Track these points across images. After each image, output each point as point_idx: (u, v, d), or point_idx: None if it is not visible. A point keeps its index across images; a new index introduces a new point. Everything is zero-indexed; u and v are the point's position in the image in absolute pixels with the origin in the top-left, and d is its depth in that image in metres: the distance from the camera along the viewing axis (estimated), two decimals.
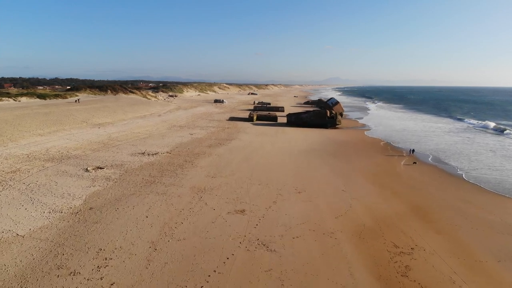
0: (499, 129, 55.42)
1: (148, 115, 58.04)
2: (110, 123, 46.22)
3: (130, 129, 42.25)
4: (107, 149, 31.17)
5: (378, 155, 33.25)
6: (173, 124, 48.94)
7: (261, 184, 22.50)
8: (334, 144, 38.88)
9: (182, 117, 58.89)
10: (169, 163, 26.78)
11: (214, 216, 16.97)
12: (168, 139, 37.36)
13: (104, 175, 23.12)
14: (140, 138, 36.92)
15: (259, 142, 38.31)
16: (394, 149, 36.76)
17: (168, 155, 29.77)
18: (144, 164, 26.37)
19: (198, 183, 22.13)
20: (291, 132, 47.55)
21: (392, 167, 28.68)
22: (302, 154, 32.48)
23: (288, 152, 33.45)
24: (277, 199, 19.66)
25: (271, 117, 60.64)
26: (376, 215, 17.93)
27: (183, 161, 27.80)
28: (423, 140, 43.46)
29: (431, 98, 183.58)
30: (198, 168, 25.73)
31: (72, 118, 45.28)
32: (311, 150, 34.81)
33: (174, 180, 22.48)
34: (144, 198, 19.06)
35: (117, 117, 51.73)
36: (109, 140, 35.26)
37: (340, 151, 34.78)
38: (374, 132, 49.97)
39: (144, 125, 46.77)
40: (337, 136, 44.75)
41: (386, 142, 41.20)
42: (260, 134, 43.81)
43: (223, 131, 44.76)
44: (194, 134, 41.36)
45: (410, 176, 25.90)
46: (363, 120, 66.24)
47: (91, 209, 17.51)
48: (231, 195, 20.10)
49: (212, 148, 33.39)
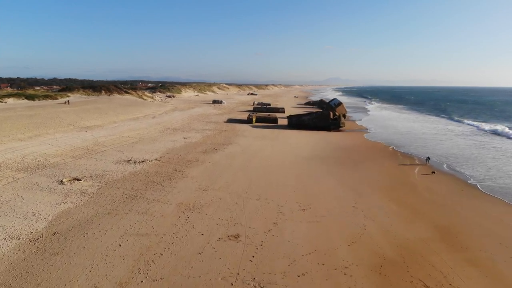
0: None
1: (141, 117, 55.12)
2: (100, 126, 43.31)
3: (120, 133, 39.32)
4: (90, 156, 28.24)
5: (388, 163, 30.33)
6: (167, 127, 46.02)
7: (259, 199, 19.58)
8: (339, 149, 35.96)
9: (177, 119, 55.98)
10: (156, 173, 23.85)
11: (201, 244, 14.03)
12: (159, 143, 34.42)
13: (79, 189, 20.20)
14: (128, 143, 33.99)
15: (258, 146, 35.39)
16: (404, 155, 33.80)
17: (157, 163, 26.84)
18: (128, 174, 23.44)
19: (187, 198, 19.20)
20: (292, 135, 44.64)
21: (407, 177, 25.73)
22: (305, 161, 29.56)
23: (290, 158, 30.53)
24: (278, 219, 16.73)
25: (271, 119, 57.73)
26: (397, 241, 14.99)
27: (172, 170, 24.87)
28: (431, 144, 40.55)
29: (432, 99, 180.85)
30: (189, 179, 22.80)
31: (58, 121, 42.36)
32: (315, 156, 31.88)
33: (159, 195, 19.55)
34: (121, 219, 16.13)
35: (108, 119, 48.81)
36: (94, 145, 32.34)
37: (346, 157, 31.85)
38: (379, 135, 47.06)
39: (135, 127, 43.85)
40: (341, 140, 41.83)
41: (395, 147, 38.27)
42: (259, 138, 40.90)
43: (219, 135, 41.84)
44: (188, 138, 38.43)
45: (428, 189, 22.94)
46: (366, 122, 63.36)
47: (54, 235, 14.58)
48: (224, 214, 17.17)
49: (207, 154, 30.47)
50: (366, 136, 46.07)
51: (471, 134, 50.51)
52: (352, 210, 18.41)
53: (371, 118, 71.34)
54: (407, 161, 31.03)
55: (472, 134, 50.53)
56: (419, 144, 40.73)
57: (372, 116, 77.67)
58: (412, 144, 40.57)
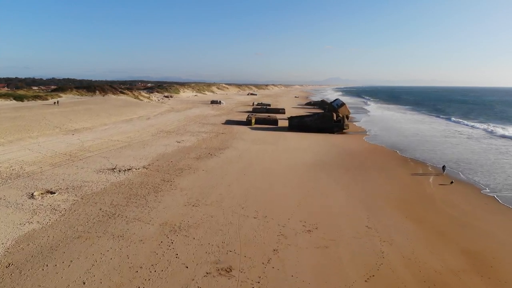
0: None
1: (135, 118, 52.51)
2: (88, 129, 40.69)
3: (109, 136, 36.71)
4: (71, 163, 25.64)
5: (399, 170, 27.72)
6: (161, 129, 43.41)
7: (257, 216, 16.98)
8: (344, 154, 33.36)
9: (173, 120, 53.37)
10: (141, 184, 21.24)
11: (185, 281, 11.44)
12: (150, 148, 31.81)
13: (51, 204, 17.60)
14: (116, 148, 31.38)
15: (256, 151, 32.79)
16: (416, 162, 31.17)
17: (144, 171, 24.23)
18: (110, 185, 20.83)
19: (173, 216, 16.59)
20: (293, 138, 42.05)
21: (422, 188, 23.11)
22: (308, 169, 26.96)
23: (292, 165, 27.93)
24: (280, 245, 14.13)
25: (271, 120, 55.12)
26: (423, 274, 12.41)
27: (160, 180, 22.26)
28: (440, 148, 37.96)
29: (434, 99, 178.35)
30: (178, 191, 20.19)
31: (44, 123, 39.74)
32: (319, 163, 29.28)
33: (142, 212, 16.95)
34: (91, 246, 13.54)
35: (98, 121, 46.20)
36: (79, 150, 29.74)
37: (353, 164, 29.24)
38: (384, 138, 44.48)
39: (127, 130, 41.24)
40: (346, 144, 39.23)
41: (402, 152, 35.70)
42: (258, 141, 38.30)
43: (216, 138, 39.24)
44: (182, 141, 35.82)
45: (448, 203, 20.33)
46: (369, 124, 60.78)
47: (8, 267, 12.00)
48: (215, 237, 14.57)
49: (200, 161, 27.86)
50: (371, 139, 43.50)
51: (483, 137, 47.92)
52: (365, 231, 15.81)
53: (373, 120, 68.84)
54: (420, 169, 28.42)
55: (484, 137, 47.94)
56: (426, 147, 38.15)
57: (374, 117, 75.16)
58: (419, 147, 38.00)
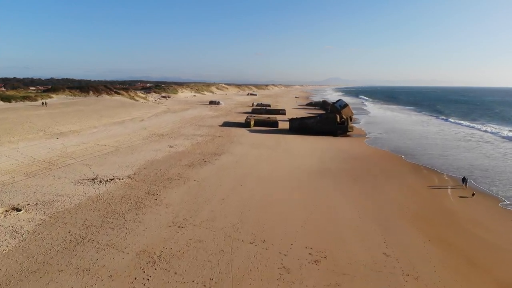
0: None
1: (128, 120, 49.87)
2: (76, 132, 38.05)
3: (96, 140, 34.07)
4: (48, 172, 23.00)
5: (412, 180, 25.07)
6: (154, 132, 40.77)
7: (254, 240, 14.35)
8: (350, 160, 30.72)
9: (167, 122, 50.73)
10: (122, 198, 18.61)
11: None
12: (138, 154, 29.18)
13: (13, 225, 14.98)
14: (102, 154, 28.75)
15: (255, 157, 30.16)
16: (428, 169, 28.54)
17: (128, 182, 21.59)
18: (86, 200, 18.20)
19: (153, 241, 13.96)
20: (295, 142, 39.41)
21: (441, 202, 20.45)
22: (312, 178, 24.31)
23: (294, 174, 25.29)
24: (281, 282, 11.49)
25: (271, 122, 52.49)
26: None
27: (145, 193, 19.62)
28: (451, 153, 35.40)
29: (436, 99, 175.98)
30: (163, 208, 17.55)
31: (27, 126, 37.12)
32: (323, 170, 26.64)
33: (117, 235, 14.32)
34: (49, 284, 10.90)
35: (88, 123, 43.57)
36: (60, 157, 27.11)
37: (360, 172, 26.61)
38: (390, 141, 41.88)
39: (117, 133, 38.60)
40: (351, 148, 36.60)
41: (413, 158, 33.08)
42: (257, 145, 35.66)
43: (212, 142, 36.60)
44: (174, 146, 33.18)
45: (474, 221, 17.69)
46: (372, 126, 58.17)
47: None
48: (201, 271, 11.93)
49: (193, 169, 25.22)
50: (375, 142, 40.88)
51: (495, 141, 45.28)
52: (383, 260, 13.17)
53: (376, 121, 66.30)
54: (434, 178, 25.78)
55: (496, 141, 45.31)
56: (435, 152, 35.57)
57: (376, 118, 72.64)
58: (428, 152, 35.43)
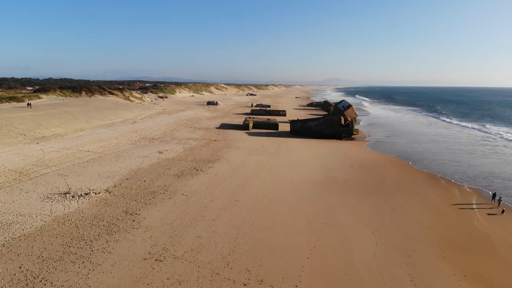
0: None
1: (118, 122, 46.93)
2: (59, 136, 35.12)
3: (80, 145, 31.15)
4: (17, 184, 20.08)
5: (431, 194, 22.10)
6: (144, 136, 37.84)
7: (249, 282, 11.47)
8: (357, 168, 27.80)
9: (161, 124, 47.81)
10: (94, 219, 15.67)
11: None
12: (123, 161, 26.25)
13: None
14: (82, 161, 25.82)
15: (253, 165, 27.23)
16: (446, 180, 25.62)
17: (105, 197, 18.67)
18: (51, 221, 15.28)
19: (121, 282, 11.02)
20: (296, 146, 36.47)
21: (470, 222, 17.50)
22: (317, 191, 21.37)
23: (296, 186, 22.34)
24: None
25: (271, 124, 49.51)
26: None
27: (122, 211, 16.69)
28: (464, 158, 32.55)
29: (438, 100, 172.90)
30: (140, 232, 14.62)
31: (6, 130, 34.18)
32: (329, 181, 23.70)
33: (78, 273, 11.38)
34: None
35: (74, 126, 40.64)
36: (34, 165, 24.19)
37: (371, 183, 23.66)
38: (396, 145, 39.05)
39: (104, 137, 35.67)
40: (356, 154, 33.68)
41: (424, 165, 30.18)
42: (255, 151, 32.73)
43: (206, 146, 33.68)
44: (165, 152, 30.27)
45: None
46: (376, 128, 55.27)
47: None
48: None
49: (182, 180, 22.29)
50: (382, 147, 37.96)
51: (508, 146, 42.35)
52: None
53: (379, 122, 63.55)
54: (455, 190, 22.85)
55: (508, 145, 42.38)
56: (447, 158, 32.75)
57: (379, 119, 69.83)
58: (438, 158, 32.70)
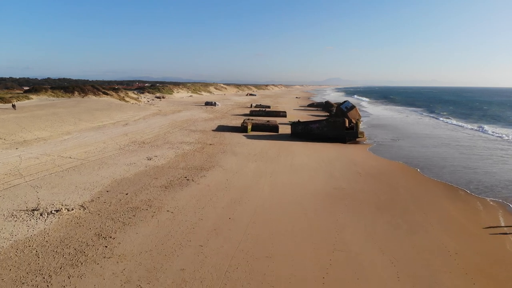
0: None
1: (109, 124, 44.41)
2: (43, 140, 32.60)
3: (62, 151, 28.62)
4: None
5: (454, 210, 19.50)
6: (134, 139, 35.32)
7: None
8: (365, 176, 25.25)
9: (154, 126, 45.29)
10: (60, 245, 13.11)
11: None
12: (106, 170, 23.70)
13: None
14: (61, 170, 23.27)
15: (251, 174, 24.68)
16: (464, 190, 23.09)
17: (79, 214, 16.12)
18: (8, 248, 12.67)
19: None
20: (298, 150, 33.94)
21: (503, 245, 14.98)
22: (324, 205, 18.82)
23: (300, 198, 19.79)
24: None
25: (271, 126, 47.00)
26: None
27: (94, 234, 14.13)
28: (480, 166, 29.84)
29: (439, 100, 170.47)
30: (112, 263, 12.06)
31: None
32: (336, 192, 21.15)
33: None
34: None
35: (61, 129, 38.12)
36: (7, 174, 21.64)
37: (383, 195, 21.12)
38: (402, 149, 36.47)
39: (90, 141, 33.14)
40: (362, 159, 31.15)
41: (438, 173, 27.64)
42: (254, 156, 30.22)
43: (201, 151, 31.17)
44: (154, 158, 27.73)
45: None
46: (379, 130, 52.72)
47: None
48: None
49: (169, 192, 19.76)
50: (388, 151, 35.40)
51: None
52: None
53: (381, 124, 60.99)
54: (478, 204, 20.24)
55: None
56: (458, 163, 30.08)
57: (381, 120, 67.31)
58: (449, 163, 29.93)
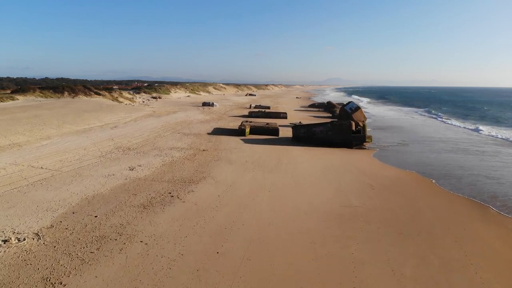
0: None
1: (96, 128, 41.17)
2: (18, 146, 29.36)
3: (35, 159, 25.37)
4: None
5: (490, 235, 16.23)
6: (120, 145, 32.08)
7: None
8: (379, 189, 21.99)
9: (145, 129, 42.05)
10: None
11: None
12: (79, 184, 20.43)
13: None
14: (27, 184, 20.02)
15: (247, 187, 21.42)
16: (495, 209, 19.87)
17: (29, 246, 12.87)
18: None
19: None
20: (300, 157, 30.69)
21: None
22: (334, 232, 15.53)
23: (305, 222, 16.50)
24: None
25: (270, 129, 43.71)
26: None
27: (41, 278, 10.76)
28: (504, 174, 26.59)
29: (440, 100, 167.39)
30: None
31: None
32: (348, 212, 17.88)
33: None
34: None
35: (41, 133, 34.88)
36: None
37: (403, 217, 17.84)
38: (412, 155, 33.19)
39: (70, 148, 29.90)
40: (372, 167, 27.89)
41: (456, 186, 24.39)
42: (251, 164, 26.98)
43: (192, 159, 27.92)
44: (137, 168, 24.47)
45: None
46: (383, 132, 49.48)
47: None
48: None
49: (148, 213, 16.50)
50: (398, 157, 32.09)
51: None
52: None
53: (384, 125, 57.86)
54: None
55: None
56: (478, 172, 26.63)
57: (384, 121, 64.07)
58: (468, 173, 26.51)
